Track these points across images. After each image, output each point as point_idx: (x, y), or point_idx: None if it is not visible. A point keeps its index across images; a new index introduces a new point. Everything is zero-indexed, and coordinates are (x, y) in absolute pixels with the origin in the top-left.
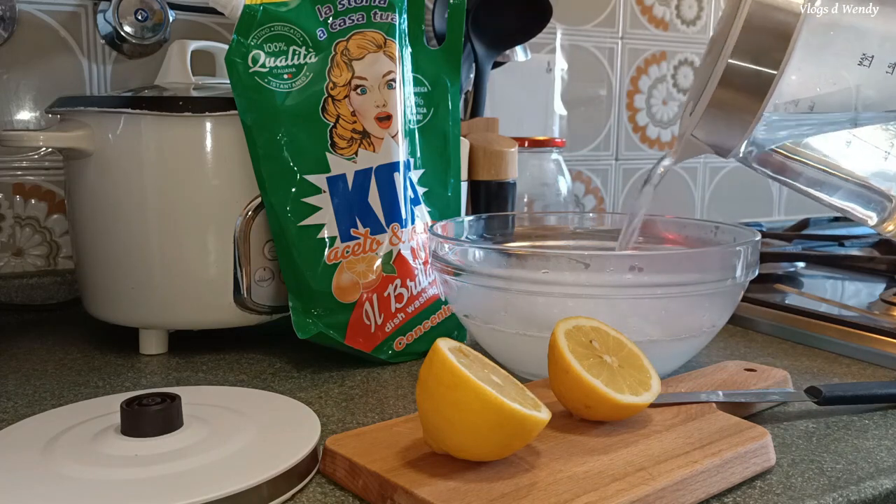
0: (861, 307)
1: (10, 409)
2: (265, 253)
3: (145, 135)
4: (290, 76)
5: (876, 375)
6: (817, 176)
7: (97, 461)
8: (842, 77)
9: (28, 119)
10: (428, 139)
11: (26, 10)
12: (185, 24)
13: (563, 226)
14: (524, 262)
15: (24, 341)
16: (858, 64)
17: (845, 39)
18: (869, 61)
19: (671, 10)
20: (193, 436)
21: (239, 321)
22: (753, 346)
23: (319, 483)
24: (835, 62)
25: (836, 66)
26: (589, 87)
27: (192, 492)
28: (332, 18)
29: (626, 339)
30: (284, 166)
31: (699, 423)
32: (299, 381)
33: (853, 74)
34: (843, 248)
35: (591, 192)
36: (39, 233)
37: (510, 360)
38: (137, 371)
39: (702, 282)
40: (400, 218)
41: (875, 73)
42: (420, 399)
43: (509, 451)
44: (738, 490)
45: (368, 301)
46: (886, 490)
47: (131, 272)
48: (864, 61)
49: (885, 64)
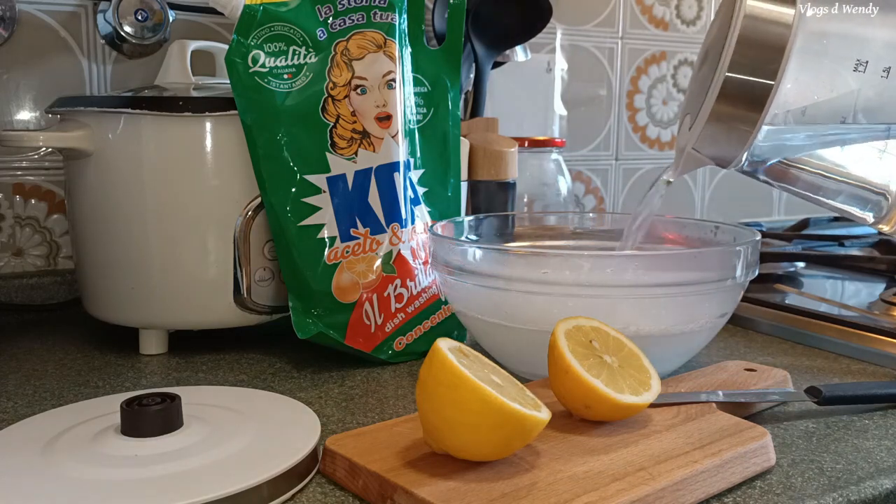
0: (861, 307)
1: (10, 409)
2: (265, 253)
3: (145, 135)
4: (290, 76)
5: (876, 375)
6: (815, 181)
7: (97, 461)
8: (838, 84)
9: (28, 119)
10: (428, 139)
11: (26, 10)
12: (185, 24)
13: (563, 226)
14: (524, 262)
15: (24, 341)
16: (854, 70)
17: (839, 47)
18: (864, 67)
19: (671, 10)
20: (193, 436)
21: (239, 321)
22: (753, 346)
23: (319, 483)
24: (830, 69)
25: (832, 74)
26: (589, 87)
27: (192, 492)
28: (332, 18)
29: (626, 339)
30: (284, 166)
31: (699, 423)
32: (299, 381)
33: (849, 80)
34: (843, 247)
35: (591, 192)
36: (39, 233)
37: (510, 360)
38: (137, 371)
39: (702, 282)
40: (400, 218)
41: (871, 78)
42: (420, 399)
43: (509, 451)
44: (738, 490)
45: (368, 301)
46: (886, 490)
47: (131, 272)
48: (860, 67)
49: (879, 68)
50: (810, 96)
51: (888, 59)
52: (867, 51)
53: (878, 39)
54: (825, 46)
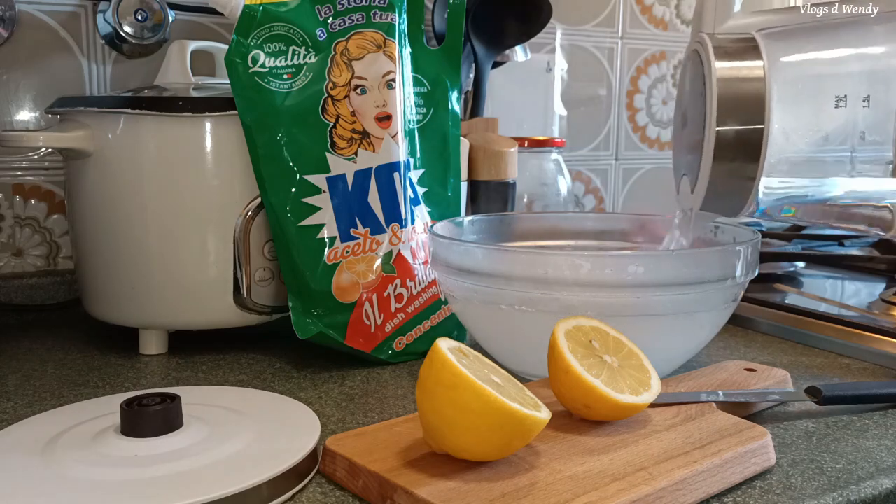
0: (861, 307)
1: (10, 409)
2: (265, 253)
3: (145, 135)
4: (289, 76)
5: (876, 375)
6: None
7: (97, 461)
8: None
9: (28, 119)
10: (428, 139)
11: (26, 10)
12: (185, 24)
13: (563, 226)
14: (524, 262)
15: (24, 341)
16: (836, 107)
17: (814, 88)
18: (844, 101)
19: (671, 10)
20: (193, 436)
21: (239, 321)
22: (753, 346)
23: (319, 483)
24: (814, 109)
25: (817, 113)
26: (589, 87)
27: (192, 492)
28: (332, 18)
29: (626, 339)
30: (284, 166)
31: (699, 423)
32: (299, 381)
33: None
34: (843, 247)
35: (590, 191)
36: (39, 233)
37: (510, 360)
38: (137, 371)
39: (702, 282)
40: (400, 218)
41: (854, 110)
42: (420, 399)
43: (509, 451)
44: (738, 490)
45: (368, 301)
46: (886, 490)
47: (131, 272)
48: (840, 102)
49: (859, 99)
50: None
51: (865, 89)
52: (842, 86)
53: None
54: (802, 90)
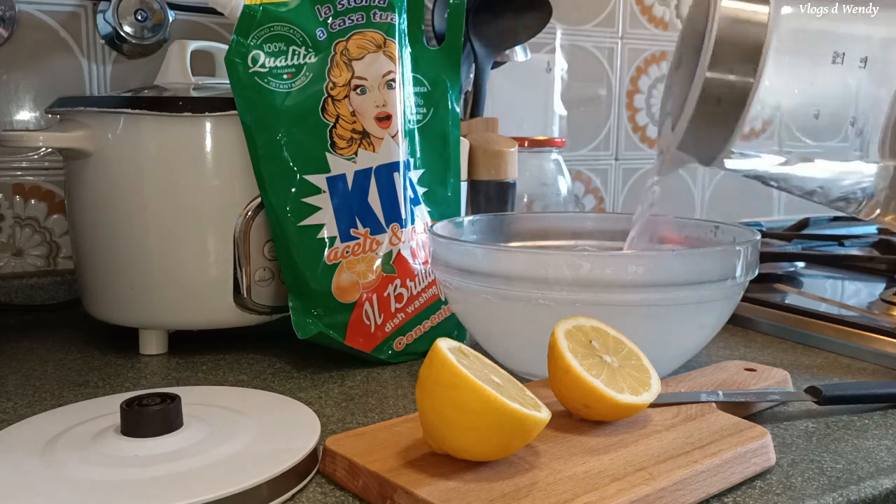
0: (861, 307)
1: (10, 409)
2: (265, 253)
3: (145, 135)
4: (289, 76)
5: (876, 375)
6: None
7: (97, 461)
8: (819, 77)
9: (28, 119)
10: (428, 139)
11: (26, 10)
12: (185, 24)
13: (563, 226)
14: (524, 262)
15: (24, 341)
16: (832, 63)
17: (815, 41)
18: (841, 58)
19: (671, 10)
20: (193, 436)
21: (239, 321)
22: (753, 346)
23: (319, 483)
24: (809, 64)
25: (812, 68)
26: (589, 87)
27: (192, 492)
28: (332, 18)
29: (626, 339)
30: (284, 166)
31: (699, 423)
32: (299, 381)
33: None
34: (843, 247)
35: (590, 191)
36: (39, 233)
37: (510, 360)
38: (137, 371)
39: (702, 281)
40: (400, 218)
41: (849, 69)
42: (420, 399)
43: (509, 451)
44: (738, 490)
45: (368, 301)
46: (886, 490)
47: (131, 272)
48: (837, 59)
49: (856, 59)
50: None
51: (864, 51)
52: (844, 44)
53: (854, 33)
54: (802, 42)
